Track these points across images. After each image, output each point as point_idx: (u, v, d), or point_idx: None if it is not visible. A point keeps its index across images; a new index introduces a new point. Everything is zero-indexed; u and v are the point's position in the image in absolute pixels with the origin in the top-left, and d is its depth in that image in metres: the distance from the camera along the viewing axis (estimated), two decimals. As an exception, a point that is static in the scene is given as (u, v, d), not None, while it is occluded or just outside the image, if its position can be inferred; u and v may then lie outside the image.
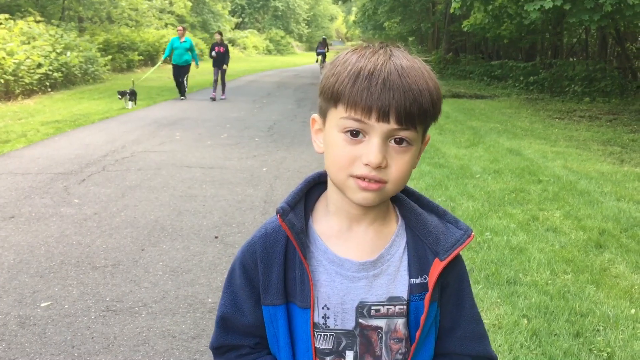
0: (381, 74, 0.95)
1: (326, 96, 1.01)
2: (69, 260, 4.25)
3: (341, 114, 0.98)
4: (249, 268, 1.11)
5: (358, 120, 0.96)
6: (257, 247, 1.10)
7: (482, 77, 22.52)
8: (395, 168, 0.98)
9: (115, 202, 5.71)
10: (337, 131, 0.99)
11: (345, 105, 0.97)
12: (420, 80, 0.97)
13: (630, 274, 4.01)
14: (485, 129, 10.70)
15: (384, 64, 0.97)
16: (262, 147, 8.86)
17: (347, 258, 1.07)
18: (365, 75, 0.95)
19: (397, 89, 0.94)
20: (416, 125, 0.97)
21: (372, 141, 0.96)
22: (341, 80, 0.97)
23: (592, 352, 2.97)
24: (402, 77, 0.95)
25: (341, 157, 0.99)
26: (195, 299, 3.66)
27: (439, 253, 1.07)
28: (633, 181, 6.77)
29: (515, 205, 5.69)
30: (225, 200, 5.88)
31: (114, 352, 3.06)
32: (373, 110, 0.94)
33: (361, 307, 1.07)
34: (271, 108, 14.07)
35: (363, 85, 0.95)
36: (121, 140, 9.22)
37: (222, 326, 1.16)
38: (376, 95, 0.94)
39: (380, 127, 0.95)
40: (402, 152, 0.98)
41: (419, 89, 0.95)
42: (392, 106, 0.94)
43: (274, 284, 1.08)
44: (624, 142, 9.77)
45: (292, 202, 1.08)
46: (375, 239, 1.09)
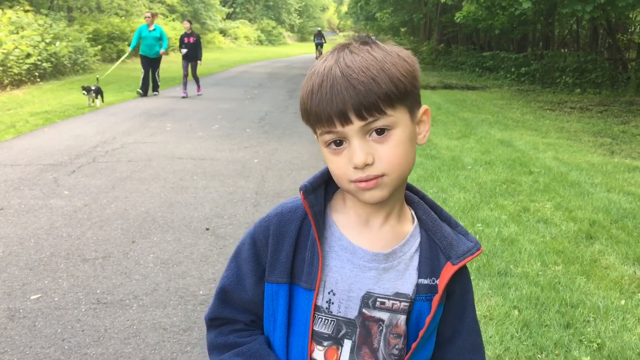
0: (327, 81, 0.97)
1: (304, 120, 1.04)
2: (59, 253, 4.21)
3: (319, 132, 1.01)
4: (259, 243, 1.11)
5: (329, 132, 0.98)
6: (271, 223, 1.11)
7: (473, 68, 22.53)
8: (384, 158, 0.98)
9: (105, 194, 5.68)
10: (324, 147, 1.02)
11: (316, 124, 1.00)
12: (371, 68, 0.96)
13: (620, 265, 4.03)
14: (476, 120, 10.71)
15: (330, 69, 0.99)
16: (253, 139, 8.82)
17: (361, 247, 1.08)
18: (316, 89, 0.98)
19: (346, 88, 0.95)
20: (386, 110, 0.96)
21: (352, 144, 0.97)
22: (303, 104, 1.01)
23: (583, 343, 2.99)
24: (346, 75, 0.96)
25: (335, 170, 1.02)
26: (187, 291, 3.65)
27: (452, 257, 1.08)
28: (623, 172, 6.81)
29: (507, 196, 5.71)
30: (217, 192, 5.85)
31: (105, 344, 3.04)
32: (334, 118, 0.96)
33: (367, 297, 1.07)
34: (263, 99, 14.01)
35: (318, 98, 0.98)
36: (111, 131, 9.16)
37: (221, 298, 1.16)
38: (331, 103, 0.96)
39: (350, 129, 0.96)
40: (384, 141, 0.98)
41: (371, 78, 0.95)
42: (347, 106, 0.95)
43: (282, 262, 1.08)
44: (614, 133, 9.81)
45: (315, 183, 1.09)
46: (390, 235, 1.10)
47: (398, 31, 35.22)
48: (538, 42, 23.31)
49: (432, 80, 19.32)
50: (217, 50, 39.14)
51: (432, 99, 13.94)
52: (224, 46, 43.11)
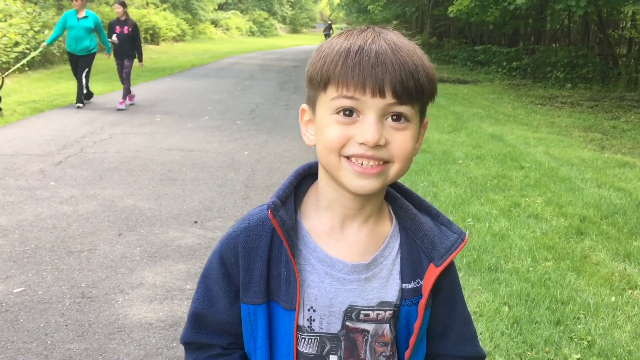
0: (372, 48, 0.90)
1: (314, 81, 0.95)
2: (44, 245, 4.14)
3: (332, 96, 0.92)
4: (228, 262, 1.03)
5: (351, 98, 0.90)
6: (239, 240, 1.02)
7: (465, 62, 22.51)
8: (396, 145, 0.92)
9: (92, 185, 5.59)
10: (329, 114, 0.93)
11: (336, 84, 0.91)
12: (414, 56, 0.92)
13: (610, 262, 4.02)
14: (468, 114, 10.69)
15: (374, 39, 0.92)
16: (243, 131, 8.75)
17: (339, 258, 1.01)
18: (356, 50, 0.90)
19: (391, 62, 0.89)
20: (413, 102, 0.92)
21: (367, 119, 0.90)
22: (329, 61, 0.92)
23: (573, 340, 2.97)
24: (395, 52, 0.90)
25: (333, 138, 0.92)
26: (173, 285, 3.59)
27: (435, 258, 1.03)
28: (613, 168, 6.81)
29: (497, 191, 5.69)
30: (206, 184, 5.79)
31: (89, 339, 2.98)
32: (367, 85, 0.89)
33: (350, 310, 1.01)
34: (253, 91, 13.92)
35: (354, 61, 0.90)
36: (99, 121, 9.04)
37: (194, 322, 1.09)
38: (369, 70, 0.89)
39: (375, 103, 0.89)
40: (401, 129, 0.92)
41: (414, 64, 0.91)
42: (387, 80, 0.89)
43: (256, 281, 1.01)
44: (604, 128, 9.82)
45: (284, 196, 1.01)
46: (369, 238, 1.03)
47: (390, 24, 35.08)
48: (529, 37, 23.32)
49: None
50: (209, 41, 38.88)
51: (424, 93, 13.88)
52: (215, 37, 42.83)
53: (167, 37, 32.60)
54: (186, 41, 35.70)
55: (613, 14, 16.98)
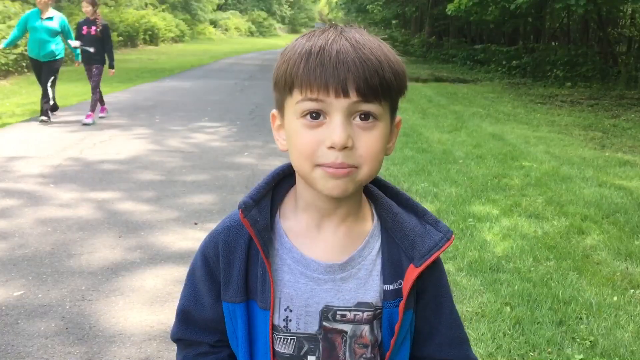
0: (333, 48, 0.89)
1: (279, 86, 0.94)
2: (43, 248, 4.13)
3: (297, 99, 0.90)
4: (210, 261, 1.05)
5: (315, 100, 0.88)
6: (219, 239, 1.04)
7: (465, 61, 22.50)
8: (364, 147, 0.90)
9: (92, 188, 5.58)
10: (296, 118, 0.92)
11: (300, 87, 0.90)
12: (378, 51, 0.90)
13: (612, 261, 4.01)
14: (468, 114, 10.68)
15: (335, 38, 0.90)
16: (243, 131, 8.74)
17: (313, 258, 1.00)
18: (317, 52, 0.89)
19: (353, 60, 0.87)
20: (380, 99, 0.90)
21: (334, 120, 0.88)
22: (292, 64, 0.91)
23: (575, 340, 2.96)
24: (357, 49, 0.88)
25: (303, 144, 0.91)
26: (174, 288, 3.57)
27: (414, 258, 1.00)
28: (614, 167, 6.79)
29: (498, 191, 5.67)
30: (206, 185, 5.77)
31: (89, 343, 2.97)
32: (330, 86, 0.87)
33: (326, 310, 1.00)
34: (253, 91, 13.91)
35: (315, 62, 0.88)
36: (99, 123, 9.03)
37: (182, 319, 1.10)
38: (331, 70, 0.87)
39: (340, 104, 0.88)
40: (369, 129, 0.90)
41: (378, 60, 0.89)
42: (349, 79, 0.87)
43: (235, 280, 1.01)
44: (605, 127, 9.81)
45: (257, 196, 1.01)
46: (347, 239, 1.02)
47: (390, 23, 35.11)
48: (529, 35, 23.31)
49: (423, 73, 19.28)
50: (208, 42, 38.90)
51: (423, 92, 13.89)
52: (214, 37, 42.85)
53: (166, 37, 32.61)
54: (185, 42, 35.70)
55: (612, 12, 16.96)
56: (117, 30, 25.52)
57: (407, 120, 9.61)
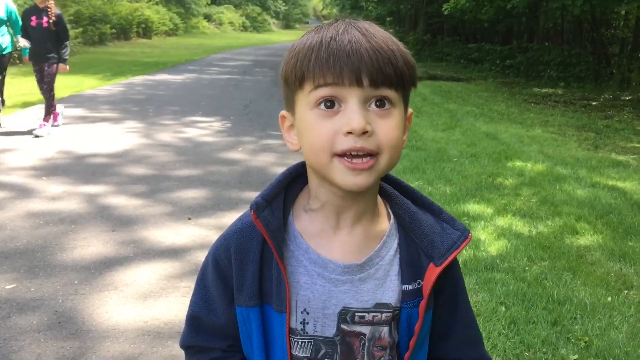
0: (345, 37, 0.87)
1: (289, 81, 0.92)
2: (36, 241, 4.09)
3: (309, 89, 0.88)
4: (222, 265, 1.02)
5: (330, 85, 0.86)
6: (231, 242, 1.01)
7: (459, 59, 22.52)
8: (383, 133, 0.88)
9: (85, 181, 5.53)
10: (309, 110, 0.89)
11: (312, 78, 0.87)
12: (389, 41, 0.90)
13: (606, 261, 4.02)
14: (462, 112, 10.69)
15: (345, 29, 0.89)
16: (237, 126, 8.70)
17: (331, 259, 0.97)
18: (328, 42, 0.87)
19: (366, 50, 0.86)
20: (396, 87, 0.89)
21: (349, 106, 0.86)
22: (302, 57, 0.89)
23: (570, 340, 2.96)
24: (369, 39, 0.87)
25: (319, 135, 0.88)
26: (168, 283, 3.55)
27: (434, 258, 0.99)
28: (607, 167, 6.82)
29: (492, 190, 5.68)
30: (200, 180, 5.74)
31: (82, 337, 2.94)
32: (344, 74, 0.85)
33: (344, 312, 0.98)
34: (247, 86, 13.86)
35: (328, 52, 0.86)
36: (92, 116, 8.97)
37: (192, 325, 1.07)
38: (344, 59, 0.85)
39: (354, 92, 0.86)
40: (386, 115, 0.89)
41: (390, 49, 0.88)
42: (363, 68, 0.85)
43: (248, 283, 0.98)
44: (598, 127, 9.84)
45: (269, 196, 0.98)
46: (364, 238, 0.99)
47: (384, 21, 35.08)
48: (522, 35, 23.35)
49: (417, 71, 19.06)
50: (201, 36, 38.71)
51: (418, 90, 13.76)
52: (208, 31, 42.63)
53: (160, 31, 32.41)
54: (179, 35, 35.51)
55: (606, 13, 17.03)
56: (110, 23, 25.36)
57: (402, 118, 9.60)
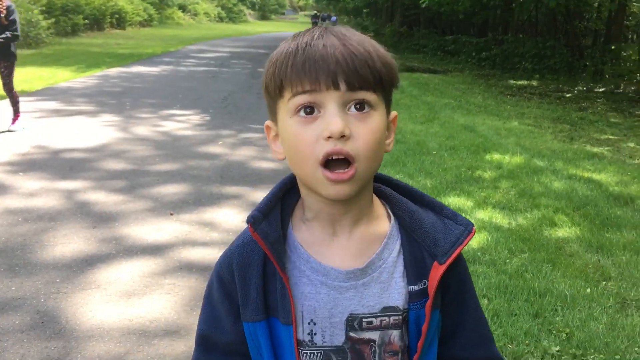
0: (320, 42, 0.87)
1: (270, 89, 0.92)
2: (15, 239, 4.02)
3: (289, 97, 0.88)
4: (226, 281, 1.01)
5: (307, 92, 0.86)
6: (233, 258, 1.00)
7: (435, 51, 22.67)
8: (361, 137, 0.87)
9: (62, 177, 5.45)
10: (289, 117, 0.89)
11: (290, 85, 0.87)
12: (366, 43, 0.89)
13: (584, 253, 4.10)
14: (440, 105, 10.76)
15: (320, 33, 0.90)
16: (217, 119, 8.64)
17: (332, 266, 0.97)
18: (303, 47, 0.87)
19: (341, 53, 0.86)
20: (374, 89, 0.88)
21: (328, 111, 0.86)
22: (280, 65, 0.89)
23: (552, 332, 3.02)
24: (344, 41, 0.88)
25: (301, 142, 0.88)
26: (152, 280, 3.53)
27: (438, 256, 0.97)
28: (583, 159, 6.94)
29: (472, 182, 5.74)
30: (180, 175, 5.69)
31: (67, 337, 2.91)
32: (321, 79, 0.85)
33: (351, 319, 0.97)
34: (224, 78, 13.76)
35: (303, 58, 0.87)
36: (68, 109, 8.82)
37: (201, 345, 1.06)
38: (320, 63, 0.85)
39: (332, 95, 0.86)
40: (365, 118, 0.88)
41: (367, 51, 0.88)
42: (339, 71, 0.85)
43: (253, 298, 0.98)
44: (573, 119, 10.01)
45: (265, 209, 0.97)
46: (363, 242, 0.99)
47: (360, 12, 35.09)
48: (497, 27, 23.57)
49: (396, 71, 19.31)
50: (176, 27, 38.28)
51: (395, 82, 13.93)
52: (183, 22, 42.18)
53: (134, 22, 31.97)
54: (153, 26, 35.06)
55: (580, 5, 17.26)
56: (83, 13, 24.92)
57: (380, 111, 9.63)
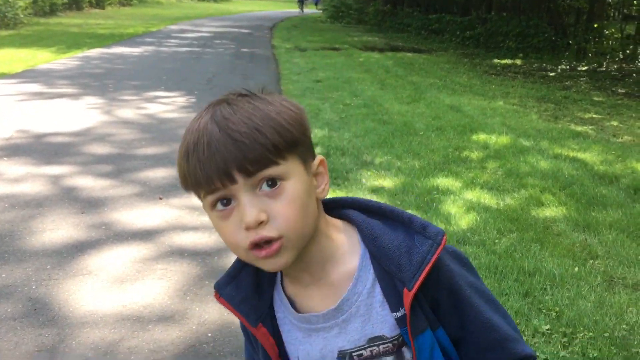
0: (204, 139, 0.86)
1: (183, 186, 0.92)
2: (2, 226, 3.98)
3: (202, 195, 0.89)
4: (243, 325, 1.09)
5: (212, 191, 0.87)
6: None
7: (419, 30, 22.57)
8: (280, 216, 0.86)
9: (47, 160, 5.39)
10: (210, 211, 0.90)
11: (195, 188, 0.89)
12: (253, 118, 0.86)
13: (571, 232, 4.16)
14: (425, 85, 10.76)
15: (205, 125, 0.87)
16: (202, 101, 8.55)
17: (311, 312, 1.01)
18: (192, 149, 0.87)
19: (225, 144, 0.84)
20: (276, 162, 0.86)
21: (240, 201, 0.86)
22: (181, 167, 0.90)
23: (542, 311, 3.08)
24: (226, 130, 0.85)
25: (226, 237, 0.90)
26: (144, 265, 3.52)
27: (405, 281, 0.94)
28: (568, 138, 7.00)
29: (459, 163, 5.77)
30: (167, 158, 5.65)
31: (60, 324, 2.90)
32: (215, 180, 0.85)
33: (342, 356, 1.00)
34: (208, 59, 13.61)
35: (194, 161, 0.86)
36: (49, 92, 8.69)
37: None
38: (208, 164, 0.85)
39: (235, 188, 0.85)
40: (277, 195, 0.86)
41: (253, 128, 0.85)
42: (228, 164, 0.84)
43: (260, 349, 1.07)
44: (557, 98, 10.07)
45: (234, 271, 1.04)
46: (335, 282, 0.99)
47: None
48: (481, 5, 23.51)
49: (379, 42, 19.26)
50: (157, 6, 37.67)
51: (381, 62, 13.90)
52: (163, 1, 41.50)
53: (113, 1, 31.40)
54: (133, 5, 34.51)
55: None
56: (62, -7, 24.42)
57: (366, 91, 9.62)
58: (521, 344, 1.03)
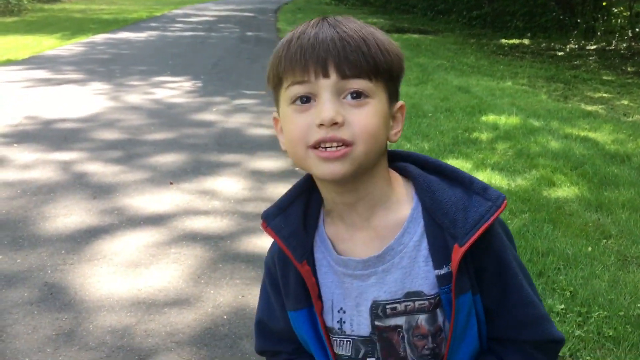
0: (313, 31, 0.88)
1: (271, 80, 0.94)
2: (15, 211, 4.00)
3: (286, 85, 0.90)
4: (272, 271, 1.07)
5: (300, 82, 0.87)
6: (274, 251, 1.06)
7: (425, 11, 22.35)
8: (357, 123, 0.87)
9: (57, 147, 5.39)
10: (287, 106, 0.91)
11: (286, 74, 0.89)
12: (364, 30, 0.89)
13: (583, 212, 4.14)
14: (432, 66, 10.68)
15: (317, 23, 0.90)
16: (209, 86, 8.53)
17: (350, 257, 0.99)
18: (297, 36, 0.89)
19: (332, 39, 0.86)
20: (369, 77, 0.87)
21: (321, 99, 0.87)
22: (278, 55, 0.91)
23: (556, 291, 3.07)
24: (337, 29, 0.88)
25: (294, 129, 0.89)
26: (157, 250, 3.53)
27: (458, 237, 0.92)
28: (578, 118, 6.94)
29: (469, 144, 5.74)
30: (176, 143, 5.65)
31: (77, 308, 2.92)
32: (310, 67, 0.86)
33: (375, 307, 0.99)
34: (213, 43, 13.54)
35: (295, 47, 0.88)
36: (56, 78, 8.68)
37: (259, 330, 1.14)
38: (310, 51, 0.86)
39: (325, 83, 0.86)
40: (360, 106, 0.87)
41: (362, 38, 0.87)
42: (329, 58, 0.85)
43: (292, 288, 1.02)
44: (566, 78, 9.97)
45: (284, 203, 1.02)
46: (382, 228, 0.98)
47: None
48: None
49: (384, 24, 19.08)
50: (160, -10, 37.37)
51: (387, 44, 13.78)
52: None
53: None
54: None
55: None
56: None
57: (374, 73, 9.55)
58: (554, 327, 1.03)
